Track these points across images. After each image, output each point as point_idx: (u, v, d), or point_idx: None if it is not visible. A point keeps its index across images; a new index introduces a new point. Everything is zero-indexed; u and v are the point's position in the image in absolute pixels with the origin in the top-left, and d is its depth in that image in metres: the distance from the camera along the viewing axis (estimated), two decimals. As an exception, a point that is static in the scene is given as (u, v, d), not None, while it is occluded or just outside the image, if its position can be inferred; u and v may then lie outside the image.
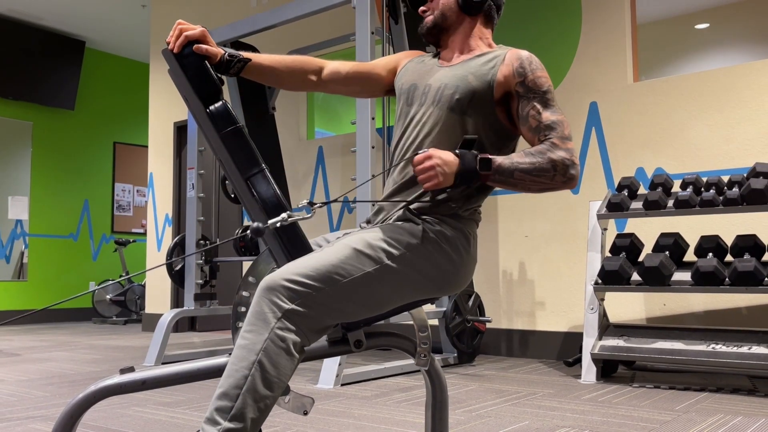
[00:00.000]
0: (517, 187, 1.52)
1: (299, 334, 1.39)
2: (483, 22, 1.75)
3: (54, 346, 5.19)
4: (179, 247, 4.66)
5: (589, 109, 4.06)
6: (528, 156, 1.50)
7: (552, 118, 1.54)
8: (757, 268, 2.85)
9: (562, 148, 1.52)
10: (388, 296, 1.49)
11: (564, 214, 4.09)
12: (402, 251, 1.48)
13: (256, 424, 1.36)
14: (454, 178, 1.46)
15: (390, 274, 1.47)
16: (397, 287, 1.49)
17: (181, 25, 1.60)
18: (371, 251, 1.46)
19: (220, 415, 1.34)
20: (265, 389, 1.35)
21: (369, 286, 1.45)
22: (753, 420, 2.39)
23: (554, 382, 3.24)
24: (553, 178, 1.50)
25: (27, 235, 7.78)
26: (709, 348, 2.98)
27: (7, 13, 7.30)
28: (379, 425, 2.36)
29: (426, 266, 1.50)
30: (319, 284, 1.41)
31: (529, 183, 1.50)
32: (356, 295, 1.44)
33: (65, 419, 1.44)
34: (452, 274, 1.54)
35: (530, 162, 1.49)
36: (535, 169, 1.49)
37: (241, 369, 1.36)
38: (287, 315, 1.38)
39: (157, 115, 6.69)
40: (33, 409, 2.71)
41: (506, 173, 1.48)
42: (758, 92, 3.53)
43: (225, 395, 1.35)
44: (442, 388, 1.69)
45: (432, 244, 1.51)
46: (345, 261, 1.44)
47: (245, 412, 1.34)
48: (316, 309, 1.41)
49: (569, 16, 4.17)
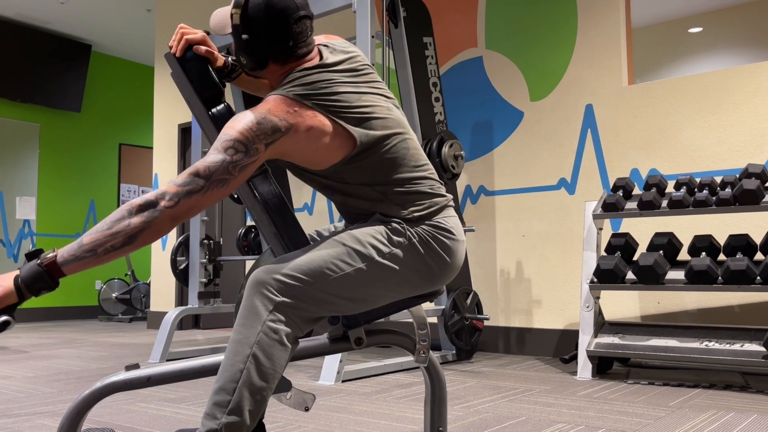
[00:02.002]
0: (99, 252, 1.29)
1: (291, 325, 1.40)
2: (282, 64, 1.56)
3: (61, 343, 5.19)
4: (183, 246, 4.66)
5: (584, 111, 4.06)
6: (105, 219, 1.33)
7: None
8: (749, 267, 2.85)
9: (155, 190, 1.34)
10: (377, 291, 1.49)
11: (560, 214, 4.09)
12: (390, 248, 1.48)
13: (254, 415, 1.36)
14: (18, 287, 1.29)
15: (379, 269, 1.47)
16: (387, 283, 1.49)
17: (183, 29, 1.61)
18: (361, 247, 1.46)
19: (219, 409, 1.34)
20: (260, 381, 1.36)
21: (359, 281, 1.46)
22: (745, 416, 2.39)
23: (551, 379, 3.23)
24: (130, 218, 1.30)
25: (35, 234, 7.78)
26: (702, 345, 2.98)
27: (15, 17, 7.30)
28: (379, 421, 2.36)
29: (415, 261, 1.50)
30: (310, 278, 1.41)
31: (107, 238, 1.29)
32: (346, 290, 1.45)
33: (72, 415, 1.44)
34: (442, 266, 1.54)
35: (104, 220, 1.32)
36: (108, 222, 1.30)
37: (236, 363, 1.36)
38: (278, 307, 1.38)
39: (162, 117, 6.69)
40: (40, 405, 2.71)
41: (74, 247, 1.30)
42: (750, 95, 3.53)
43: (222, 390, 1.35)
44: (440, 384, 1.69)
45: (417, 241, 1.51)
46: (336, 257, 1.45)
47: (243, 405, 1.34)
48: (307, 302, 1.42)
49: (565, 21, 4.17)
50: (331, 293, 1.43)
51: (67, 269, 1.30)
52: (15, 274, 1.31)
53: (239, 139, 1.37)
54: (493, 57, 4.46)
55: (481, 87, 4.49)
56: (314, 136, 1.44)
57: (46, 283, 1.30)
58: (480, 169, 4.45)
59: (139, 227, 1.30)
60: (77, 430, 1.45)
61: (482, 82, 4.49)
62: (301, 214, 5.38)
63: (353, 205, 1.56)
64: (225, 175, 1.36)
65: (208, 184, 1.35)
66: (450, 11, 4.67)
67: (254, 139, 1.37)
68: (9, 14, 7.22)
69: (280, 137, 1.41)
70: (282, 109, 1.42)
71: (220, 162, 1.35)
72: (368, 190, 1.52)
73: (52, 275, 1.30)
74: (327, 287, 1.43)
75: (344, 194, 1.55)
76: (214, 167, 1.35)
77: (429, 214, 1.54)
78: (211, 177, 1.35)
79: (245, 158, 1.37)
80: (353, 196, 1.54)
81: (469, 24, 4.58)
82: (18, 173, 7.71)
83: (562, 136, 4.13)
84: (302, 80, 1.49)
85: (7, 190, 7.61)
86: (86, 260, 1.30)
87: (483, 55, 4.50)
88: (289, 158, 1.48)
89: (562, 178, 4.10)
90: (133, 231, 1.30)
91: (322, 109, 1.46)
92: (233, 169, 1.36)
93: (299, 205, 5.41)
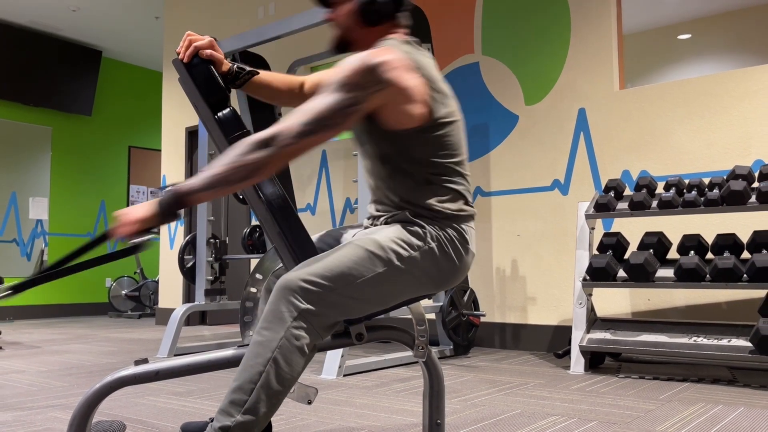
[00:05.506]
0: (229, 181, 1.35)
1: (312, 332, 1.38)
2: (389, 27, 1.60)
3: (72, 338, 5.19)
4: (190, 245, 4.66)
5: (577, 115, 4.06)
6: (229, 152, 1.38)
7: (304, 104, 1.42)
8: (736, 265, 2.85)
9: (275, 125, 1.38)
10: (394, 294, 1.49)
11: (554, 214, 4.09)
12: (409, 253, 1.47)
13: (267, 416, 1.36)
14: (159, 211, 1.37)
15: (398, 273, 1.46)
16: (403, 286, 1.48)
17: (190, 36, 1.61)
18: (382, 252, 1.45)
19: (234, 407, 1.33)
20: (278, 385, 1.35)
21: (379, 285, 1.44)
22: (732, 408, 2.39)
23: (545, 373, 3.23)
24: (256, 152, 1.35)
25: (47, 234, 7.78)
26: (691, 340, 2.98)
27: (28, 24, 7.30)
28: (379, 413, 2.36)
29: (429, 266, 1.49)
30: (333, 284, 1.40)
31: (236, 170, 1.35)
32: (366, 294, 1.44)
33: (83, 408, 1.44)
34: (451, 272, 1.53)
35: (229, 154, 1.37)
36: (234, 156, 1.36)
37: (256, 365, 1.35)
38: (302, 315, 1.37)
39: (170, 120, 6.69)
40: (53, 399, 2.71)
41: (206, 177, 1.36)
42: (737, 99, 3.53)
43: (240, 389, 1.34)
44: (438, 378, 1.69)
45: (436, 246, 1.49)
46: (358, 262, 1.43)
47: (258, 407, 1.33)
48: (330, 308, 1.40)
49: (559, 28, 4.17)
50: (352, 297, 1.42)
51: (200, 196, 1.37)
52: (156, 201, 1.38)
53: (352, 83, 1.40)
54: (490, 63, 4.45)
55: (478, 92, 4.49)
56: (408, 97, 1.45)
57: (182, 207, 1.38)
58: (477, 171, 4.45)
59: (264, 161, 1.35)
60: (88, 422, 1.45)
61: (479, 87, 4.49)
62: (303, 214, 5.38)
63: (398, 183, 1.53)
64: (341, 119, 1.40)
65: (327, 127, 1.39)
66: (448, 19, 4.67)
67: (366, 85, 1.41)
68: (23, 21, 7.22)
69: (386, 87, 1.42)
70: (395, 61, 1.44)
71: (338, 105, 1.39)
72: (420, 169, 1.51)
73: (186, 202, 1.37)
74: (348, 292, 1.41)
75: (395, 168, 1.53)
76: (333, 110, 1.39)
77: (457, 217, 1.53)
78: (330, 120, 1.39)
79: (358, 104, 1.41)
80: (402, 173, 1.52)
81: (467, 31, 4.57)
82: (31, 175, 7.71)
83: (556, 139, 4.12)
84: (405, 45, 1.54)
85: (21, 191, 7.61)
86: (218, 189, 1.36)
87: (480, 61, 4.50)
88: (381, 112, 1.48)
89: (556, 180, 4.10)
90: (259, 164, 1.35)
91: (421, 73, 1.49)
92: (348, 114, 1.40)
93: (302, 205, 5.41)
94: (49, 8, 6.88)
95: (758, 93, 3.47)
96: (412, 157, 1.51)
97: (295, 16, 3.76)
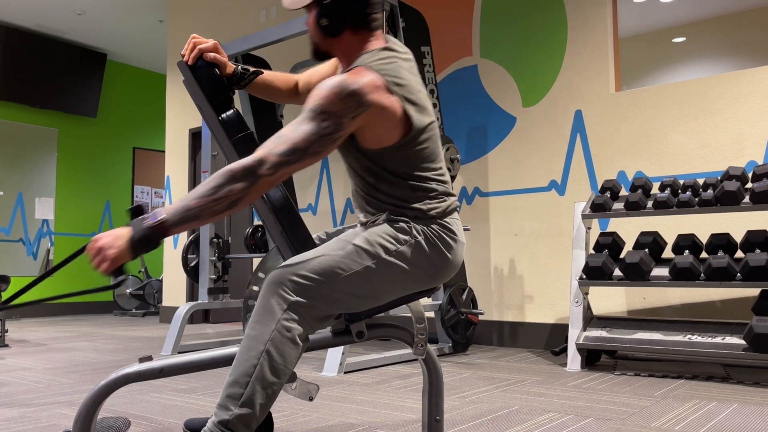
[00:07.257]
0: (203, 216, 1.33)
1: (303, 324, 1.39)
2: (364, 34, 1.54)
3: (77, 336, 5.19)
4: (194, 244, 4.66)
5: (574, 116, 4.06)
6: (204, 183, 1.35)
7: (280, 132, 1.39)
8: (729, 265, 2.85)
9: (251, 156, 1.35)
10: (385, 288, 1.49)
11: (551, 214, 4.09)
12: (397, 247, 1.47)
13: (264, 408, 1.36)
14: (131, 247, 1.32)
15: (386, 267, 1.46)
16: (393, 279, 1.48)
17: (195, 38, 1.61)
18: (369, 247, 1.46)
19: (231, 401, 1.34)
20: (272, 376, 1.36)
21: (368, 279, 1.45)
22: (726, 405, 2.39)
23: (542, 370, 3.23)
24: (232, 184, 1.32)
25: (53, 233, 7.78)
26: (685, 338, 2.98)
27: (34, 27, 7.30)
28: (379, 410, 2.36)
29: (419, 259, 1.50)
30: (322, 278, 1.41)
31: (211, 204, 1.32)
32: (356, 288, 1.44)
33: (88, 404, 1.44)
34: (443, 263, 1.53)
35: (204, 185, 1.34)
36: (210, 189, 1.33)
37: (250, 358, 1.36)
38: (292, 307, 1.38)
39: (174, 122, 6.68)
40: (59, 395, 2.71)
41: (180, 210, 1.33)
42: (731, 101, 3.53)
43: (235, 383, 1.35)
44: (437, 375, 1.69)
45: (423, 239, 1.50)
46: (346, 256, 1.44)
47: (254, 399, 1.34)
48: (319, 301, 1.41)
49: (555, 31, 4.17)
50: (342, 291, 1.43)
51: (173, 231, 1.34)
52: (128, 236, 1.32)
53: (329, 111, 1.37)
54: (488, 65, 4.45)
55: (476, 94, 4.49)
56: (386, 116, 1.44)
57: (155, 244, 1.34)
58: (475, 172, 4.45)
59: (240, 194, 1.33)
60: (93, 418, 1.45)
61: (477, 89, 4.49)
62: (305, 214, 5.38)
63: (384, 192, 1.52)
64: (319, 148, 1.38)
65: (306, 156, 1.37)
66: (447, 22, 4.67)
67: (343, 112, 1.38)
68: (29, 25, 7.22)
69: (364, 112, 1.40)
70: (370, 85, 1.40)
71: (315, 134, 1.37)
72: (401, 181, 1.50)
73: (159, 238, 1.34)
74: (338, 285, 1.42)
75: (378, 179, 1.52)
76: (310, 140, 1.36)
77: (442, 213, 1.53)
78: (307, 150, 1.37)
79: (336, 132, 1.38)
80: (387, 182, 1.51)
81: (465, 34, 4.57)
82: (37, 175, 7.71)
83: (553, 141, 4.12)
84: (379, 61, 1.48)
85: (27, 191, 7.61)
86: (192, 223, 1.34)
87: (478, 63, 4.50)
88: (358, 133, 1.46)
89: (553, 180, 4.10)
90: (236, 197, 1.33)
91: (396, 92, 1.45)
92: (327, 142, 1.38)
93: (303, 205, 5.41)
94: (55, 12, 6.88)
95: (751, 95, 3.47)
96: (392, 170, 1.50)
97: (296, 20, 3.76)
